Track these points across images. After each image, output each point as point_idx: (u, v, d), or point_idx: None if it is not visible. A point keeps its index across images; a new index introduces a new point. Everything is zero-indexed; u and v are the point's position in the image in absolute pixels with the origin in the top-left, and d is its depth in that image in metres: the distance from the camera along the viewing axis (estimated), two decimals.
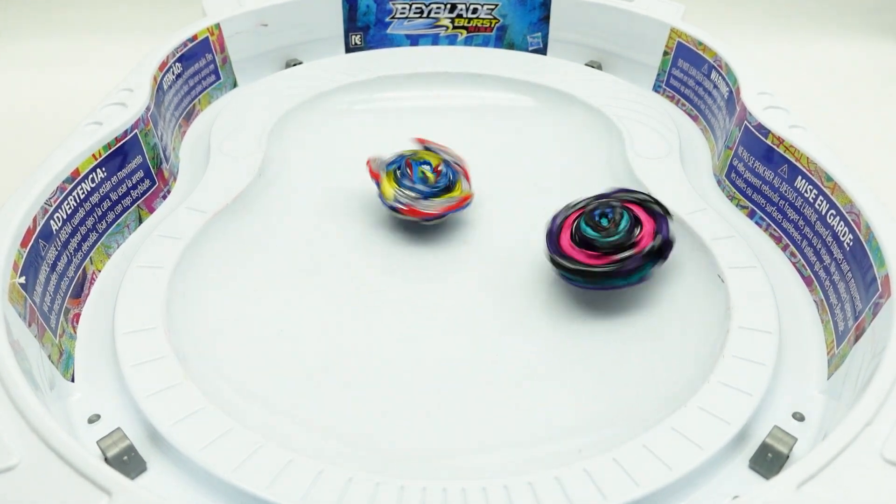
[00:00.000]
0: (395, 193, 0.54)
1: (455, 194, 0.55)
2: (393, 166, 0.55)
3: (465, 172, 0.57)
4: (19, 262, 0.43)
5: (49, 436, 0.33)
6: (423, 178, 0.55)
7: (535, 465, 0.39)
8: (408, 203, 0.54)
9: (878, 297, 0.43)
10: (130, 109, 0.55)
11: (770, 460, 0.39)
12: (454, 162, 0.56)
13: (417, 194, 0.54)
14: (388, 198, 0.55)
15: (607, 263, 0.47)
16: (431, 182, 0.55)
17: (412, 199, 0.54)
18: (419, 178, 0.55)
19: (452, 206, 0.55)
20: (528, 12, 0.76)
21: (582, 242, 0.48)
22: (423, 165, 0.55)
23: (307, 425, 0.42)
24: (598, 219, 0.48)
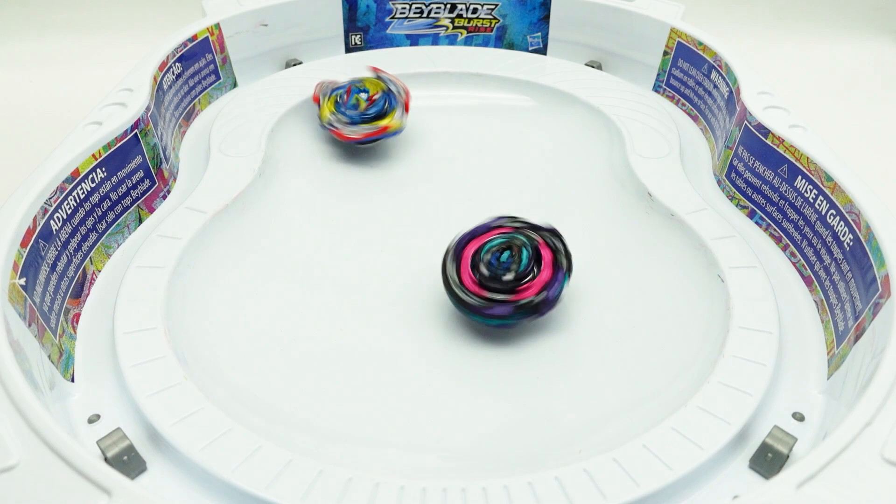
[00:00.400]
0: (329, 116, 0.61)
1: (381, 122, 0.60)
2: (337, 91, 0.61)
3: (405, 103, 0.61)
4: (19, 262, 0.43)
5: (49, 436, 0.33)
6: (356, 105, 0.60)
7: (535, 465, 0.39)
8: (336, 126, 0.60)
9: (878, 297, 0.43)
10: (130, 109, 0.55)
11: (770, 460, 0.39)
12: (397, 92, 0.61)
13: (347, 119, 0.60)
14: (323, 119, 0.61)
15: (473, 294, 0.45)
16: (361, 109, 0.60)
17: (342, 123, 0.60)
18: (351, 105, 0.60)
19: (371, 133, 0.60)
20: (528, 12, 0.76)
21: (473, 264, 0.46)
22: (360, 93, 0.61)
23: (307, 425, 0.42)
24: (501, 252, 0.46)
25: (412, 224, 0.58)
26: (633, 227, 0.56)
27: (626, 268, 0.53)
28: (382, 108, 0.60)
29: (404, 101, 0.61)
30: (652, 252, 0.54)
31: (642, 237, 0.55)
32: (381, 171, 0.63)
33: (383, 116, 0.60)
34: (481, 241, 0.47)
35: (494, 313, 0.45)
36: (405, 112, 0.61)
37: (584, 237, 0.56)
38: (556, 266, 0.46)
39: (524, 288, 0.45)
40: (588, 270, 0.53)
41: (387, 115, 0.60)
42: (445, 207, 0.59)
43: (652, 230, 0.55)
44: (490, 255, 0.46)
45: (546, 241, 0.47)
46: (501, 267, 0.45)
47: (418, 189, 0.61)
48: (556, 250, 0.47)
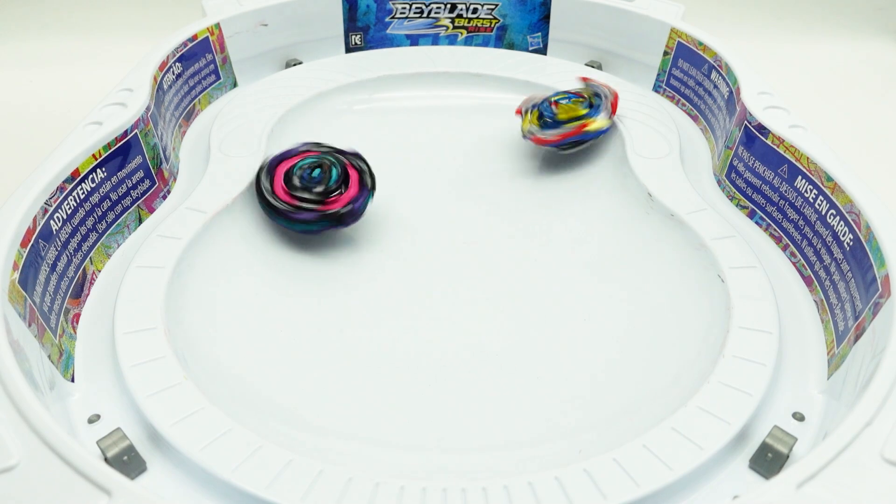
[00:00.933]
0: (529, 127, 0.60)
1: (579, 122, 0.59)
2: (542, 104, 0.60)
3: (613, 105, 0.61)
4: (19, 262, 0.43)
5: (49, 436, 0.33)
6: (556, 112, 0.59)
7: (535, 465, 0.39)
8: (534, 133, 0.60)
9: (879, 296, 0.43)
10: (130, 109, 0.55)
11: (770, 460, 0.39)
12: (604, 95, 0.60)
13: (542, 125, 0.59)
14: (524, 130, 0.60)
15: (283, 201, 0.51)
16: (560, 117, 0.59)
17: (539, 129, 0.59)
18: (552, 112, 0.59)
19: (568, 133, 0.59)
20: (528, 12, 0.76)
21: (289, 184, 0.52)
22: (563, 100, 0.60)
23: (307, 425, 0.42)
24: (310, 170, 0.52)
25: (412, 222, 0.57)
26: (633, 227, 0.56)
27: (626, 268, 0.53)
28: (579, 107, 0.59)
29: (612, 103, 0.61)
30: (652, 252, 0.54)
31: (642, 237, 0.55)
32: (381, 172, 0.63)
33: (591, 117, 0.59)
34: (293, 161, 0.53)
35: (300, 217, 0.51)
36: (612, 113, 0.60)
37: (584, 237, 0.56)
38: (361, 184, 0.53)
39: (332, 200, 0.51)
40: (588, 270, 0.53)
41: (588, 117, 0.59)
42: (445, 207, 0.59)
43: (652, 230, 0.55)
44: (302, 172, 0.52)
45: (352, 162, 0.53)
46: (313, 181, 0.52)
47: (418, 188, 0.61)
48: (361, 171, 0.53)
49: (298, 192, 0.52)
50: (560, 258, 0.55)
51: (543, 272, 0.53)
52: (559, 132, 0.59)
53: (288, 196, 0.52)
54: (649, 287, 0.52)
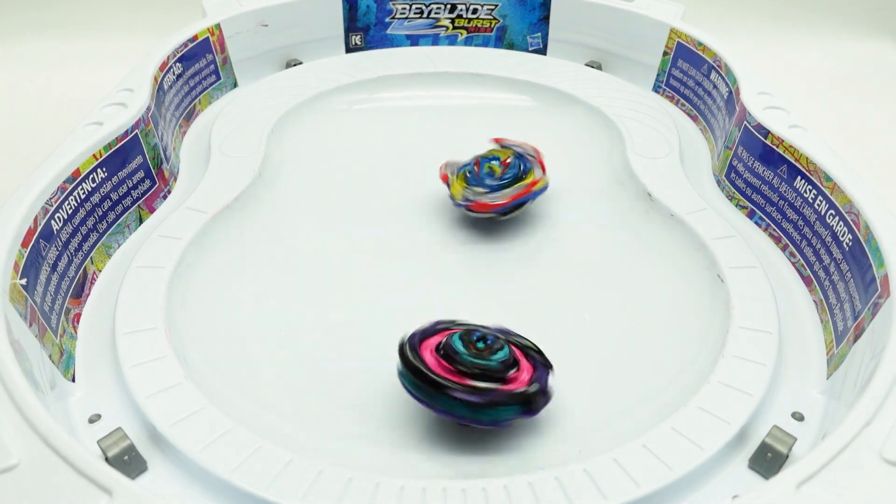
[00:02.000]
0: (462, 192, 0.54)
1: (525, 181, 0.54)
2: (464, 168, 0.56)
3: (540, 162, 0.56)
4: (20, 263, 0.43)
5: (49, 436, 0.33)
6: (490, 173, 0.54)
7: (535, 465, 0.39)
8: (476, 198, 0.54)
9: (878, 296, 0.43)
10: (131, 109, 0.55)
11: (769, 460, 0.39)
12: (528, 154, 0.56)
13: (485, 189, 0.54)
14: (457, 196, 0.54)
15: (457, 382, 0.38)
16: (498, 174, 0.54)
17: (479, 194, 0.54)
18: (486, 174, 0.54)
19: (521, 193, 0.54)
20: (528, 12, 0.76)
21: (445, 355, 0.40)
22: (492, 161, 0.55)
23: (307, 425, 0.42)
24: (475, 339, 0.40)
25: (412, 224, 0.58)
26: (633, 227, 0.56)
27: (627, 268, 0.53)
28: (519, 169, 0.55)
29: (538, 161, 0.56)
30: (652, 252, 0.54)
31: (642, 237, 0.55)
32: (381, 172, 0.63)
33: (524, 176, 0.54)
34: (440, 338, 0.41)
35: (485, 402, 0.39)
36: (543, 170, 0.56)
37: (584, 237, 0.56)
38: (531, 360, 0.41)
39: (512, 377, 0.39)
40: (588, 270, 0.53)
41: (527, 174, 0.55)
42: (445, 207, 0.59)
43: (652, 230, 0.55)
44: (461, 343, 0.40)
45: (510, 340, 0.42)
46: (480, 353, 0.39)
47: (418, 189, 0.61)
48: (523, 346, 0.42)
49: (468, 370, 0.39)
50: (560, 258, 0.55)
51: (543, 272, 0.53)
52: (507, 195, 0.53)
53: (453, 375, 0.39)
54: (649, 287, 0.52)
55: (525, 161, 0.55)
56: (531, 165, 0.55)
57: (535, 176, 0.55)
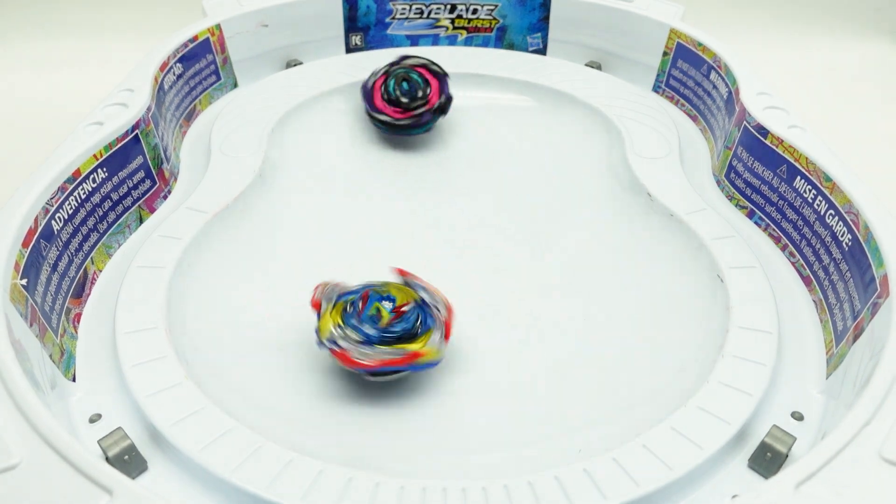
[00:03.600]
0: (332, 330, 0.42)
1: (411, 346, 0.41)
2: (347, 298, 0.43)
3: (447, 324, 0.43)
4: (21, 263, 0.43)
5: (50, 435, 0.34)
6: (375, 317, 0.42)
7: (535, 465, 0.39)
8: (343, 346, 0.41)
9: (877, 296, 0.43)
10: (131, 110, 0.55)
11: (769, 460, 0.39)
12: (435, 307, 0.43)
13: (360, 337, 0.41)
14: (323, 333, 0.42)
15: (408, 117, 0.62)
16: (383, 323, 0.42)
17: (352, 342, 0.41)
18: (369, 316, 0.42)
19: (394, 360, 0.41)
20: (528, 12, 0.76)
21: (391, 101, 0.62)
22: (384, 301, 0.43)
23: (307, 425, 0.42)
24: (401, 83, 0.62)
25: (412, 224, 0.58)
26: (633, 227, 0.56)
27: (627, 268, 0.53)
28: (414, 325, 0.42)
29: (445, 322, 0.43)
30: (652, 252, 0.54)
31: (642, 237, 0.55)
32: (381, 172, 0.63)
33: (414, 338, 0.42)
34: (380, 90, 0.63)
35: (424, 121, 0.63)
36: (445, 339, 0.43)
37: (584, 237, 0.56)
38: (434, 74, 0.63)
39: (430, 97, 0.62)
40: (588, 270, 0.53)
41: (418, 338, 0.42)
42: (445, 208, 0.59)
43: (652, 230, 0.56)
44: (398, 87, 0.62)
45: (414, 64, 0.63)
46: (412, 90, 0.62)
47: (418, 189, 0.61)
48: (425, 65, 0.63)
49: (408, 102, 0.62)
50: (559, 257, 0.55)
51: (543, 272, 0.53)
52: (378, 356, 0.41)
53: (400, 113, 0.62)
54: (649, 287, 0.52)
55: (427, 316, 0.43)
56: (431, 325, 0.42)
57: (427, 342, 0.42)
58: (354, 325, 0.42)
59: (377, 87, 0.63)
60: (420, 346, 0.41)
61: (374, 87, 0.63)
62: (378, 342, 0.41)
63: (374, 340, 0.41)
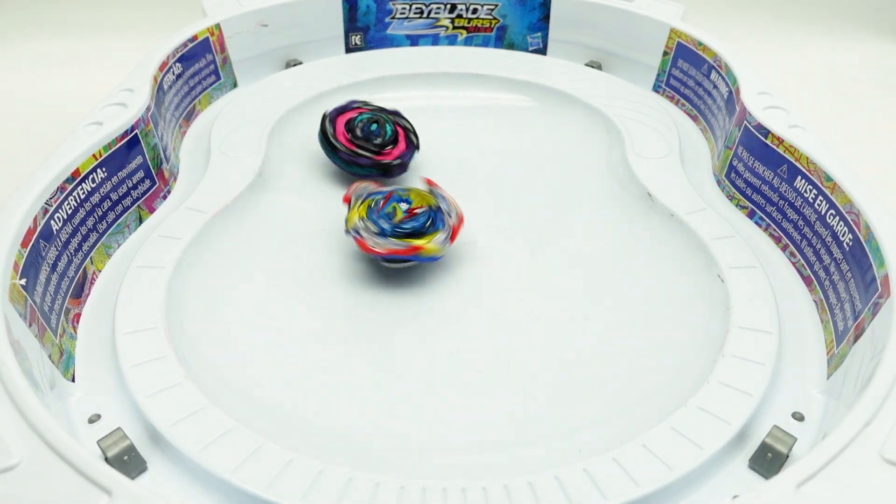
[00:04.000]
0: (356, 221, 0.50)
1: (415, 241, 0.49)
2: (374, 196, 0.51)
3: (454, 229, 0.51)
4: (20, 263, 0.43)
5: (49, 436, 0.33)
6: (391, 214, 0.50)
7: (535, 465, 0.39)
8: (361, 235, 0.50)
9: (878, 296, 0.43)
10: (131, 109, 0.55)
11: (770, 460, 0.39)
12: (448, 213, 0.51)
13: (377, 229, 0.49)
14: (349, 224, 0.51)
15: (344, 146, 0.58)
16: (397, 220, 0.50)
17: (369, 232, 0.50)
18: (386, 213, 0.50)
19: (399, 250, 0.49)
20: (528, 12, 0.76)
21: (349, 129, 0.59)
22: (401, 202, 0.51)
23: (307, 425, 0.42)
24: (370, 124, 0.59)
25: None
26: (633, 227, 0.56)
27: (626, 268, 0.53)
28: (423, 225, 0.50)
29: (453, 227, 0.51)
30: (652, 252, 0.54)
31: (642, 237, 0.55)
32: None
33: (420, 235, 0.50)
34: (352, 114, 0.59)
35: (359, 162, 0.58)
36: (450, 240, 0.51)
37: (584, 237, 0.56)
38: (408, 141, 0.60)
39: (386, 153, 0.58)
40: (588, 270, 0.53)
41: (425, 236, 0.50)
42: None
43: (652, 230, 0.56)
44: (363, 125, 0.58)
45: (398, 122, 0.60)
46: (372, 134, 0.58)
47: None
48: (406, 129, 0.60)
49: (360, 141, 0.58)
50: (559, 258, 0.55)
51: (543, 272, 0.53)
52: (387, 246, 0.49)
53: (349, 143, 0.58)
54: (649, 287, 0.52)
55: (437, 219, 0.51)
56: (440, 226, 0.50)
57: (432, 240, 0.50)
58: (374, 219, 0.50)
59: (344, 115, 0.60)
60: (425, 242, 0.49)
61: (348, 109, 0.60)
62: (390, 235, 0.49)
63: (387, 233, 0.50)
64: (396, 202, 0.51)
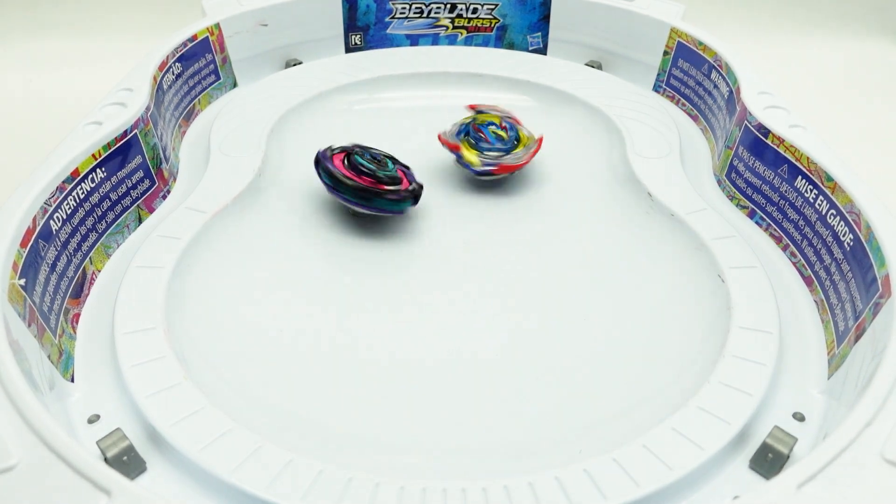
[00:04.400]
0: (480, 158, 0.58)
1: (528, 142, 0.59)
2: (461, 135, 0.59)
3: (517, 121, 0.60)
4: (19, 263, 0.43)
5: (49, 436, 0.33)
6: (498, 137, 0.59)
7: (535, 465, 0.39)
8: (497, 162, 0.58)
9: (879, 296, 0.43)
10: (130, 109, 0.55)
11: (770, 460, 0.39)
12: (506, 116, 0.60)
13: (500, 152, 0.58)
14: (475, 164, 0.58)
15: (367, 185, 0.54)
16: (506, 138, 0.59)
17: (499, 157, 0.58)
18: (494, 138, 0.58)
19: (535, 150, 0.59)
20: (528, 12, 0.76)
21: (354, 169, 0.54)
22: (490, 126, 0.59)
23: (307, 425, 0.42)
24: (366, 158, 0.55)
25: (412, 221, 0.57)
26: (633, 227, 0.56)
27: (627, 268, 0.53)
28: (516, 131, 0.59)
29: (515, 119, 0.61)
30: (652, 252, 0.54)
31: (642, 237, 0.55)
32: None
33: (521, 139, 0.59)
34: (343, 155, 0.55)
35: (394, 198, 0.54)
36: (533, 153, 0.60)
37: (584, 237, 0.56)
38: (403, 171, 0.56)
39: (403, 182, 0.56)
40: (588, 270, 0.53)
41: (521, 136, 0.59)
42: (445, 208, 0.59)
43: (652, 230, 0.55)
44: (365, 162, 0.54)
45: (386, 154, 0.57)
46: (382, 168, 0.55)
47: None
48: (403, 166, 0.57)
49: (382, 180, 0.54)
50: (559, 258, 0.54)
51: (543, 272, 0.53)
52: (528, 153, 0.59)
53: (368, 180, 0.54)
54: (649, 287, 0.52)
55: (510, 123, 0.60)
56: (517, 126, 0.60)
57: (528, 136, 0.60)
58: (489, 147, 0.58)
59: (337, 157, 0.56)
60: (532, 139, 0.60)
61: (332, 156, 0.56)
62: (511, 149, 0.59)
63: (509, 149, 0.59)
64: (489, 126, 0.59)
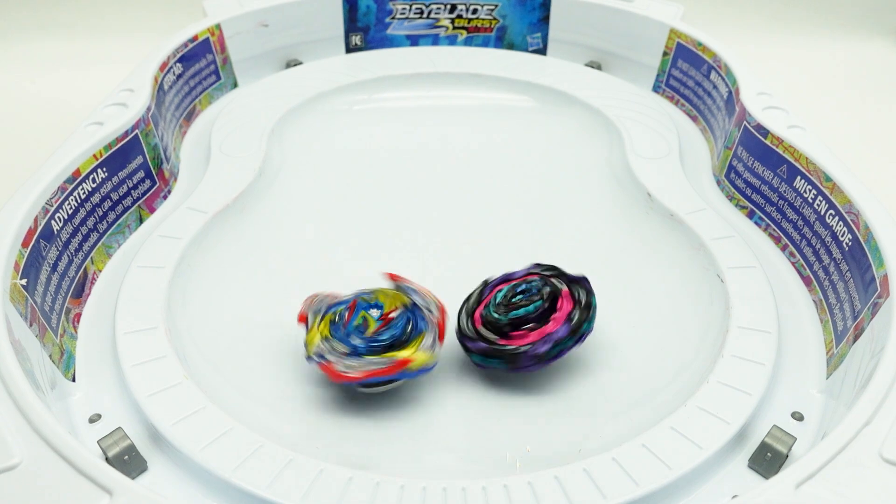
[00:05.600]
0: (319, 343, 0.41)
1: (399, 354, 0.40)
2: (335, 308, 0.43)
3: (440, 325, 0.42)
4: (20, 262, 0.43)
5: (50, 435, 0.34)
6: (361, 327, 0.42)
7: (535, 465, 0.39)
8: (328, 359, 0.40)
9: (877, 296, 0.43)
10: (131, 110, 0.55)
11: (769, 460, 0.39)
12: (427, 309, 0.42)
13: (346, 348, 0.41)
14: (310, 347, 0.41)
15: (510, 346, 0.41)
16: (370, 332, 0.41)
17: (337, 354, 0.41)
18: (354, 327, 0.41)
19: (382, 370, 0.40)
20: (528, 12, 0.76)
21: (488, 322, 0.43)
22: (371, 309, 0.42)
23: (307, 425, 0.42)
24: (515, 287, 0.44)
25: (412, 224, 0.58)
26: (633, 227, 0.56)
27: (626, 268, 0.53)
28: (404, 330, 0.41)
29: (438, 323, 0.42)
30: (652, 252, 0.54)
31: (642, 237, 0.55)
32: (381, 173, 0.63)
33: (403, 345, 0.41)
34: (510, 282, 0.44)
35: (473, 347, 0.43)
36: (440, 340, 0.42)
37: (584, 237, 0.56)
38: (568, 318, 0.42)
39: (519, 334, 0.42)
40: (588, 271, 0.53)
41: (409, 344, 0.41)
42: (445, 208, 0.59)
43: (652, 230, 0.56)
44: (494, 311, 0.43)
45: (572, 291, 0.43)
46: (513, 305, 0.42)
47: (418, 190, 0.61)
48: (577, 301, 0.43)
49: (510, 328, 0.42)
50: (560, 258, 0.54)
51: None
52: (364, 367, 0.40)
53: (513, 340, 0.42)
54: (649, 287, 0.52)
55: (418, 319, 0.42)
56: (423, 329, 0.41)
57: (419, 347, 0.41)
58: (341, 336, 0.41)
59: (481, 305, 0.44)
60: (410, 351, 0.40)
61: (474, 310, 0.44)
62: (366, 352, 0.40)
63: (361, 351, 0.40)
64: (365, 310, 0.42)
